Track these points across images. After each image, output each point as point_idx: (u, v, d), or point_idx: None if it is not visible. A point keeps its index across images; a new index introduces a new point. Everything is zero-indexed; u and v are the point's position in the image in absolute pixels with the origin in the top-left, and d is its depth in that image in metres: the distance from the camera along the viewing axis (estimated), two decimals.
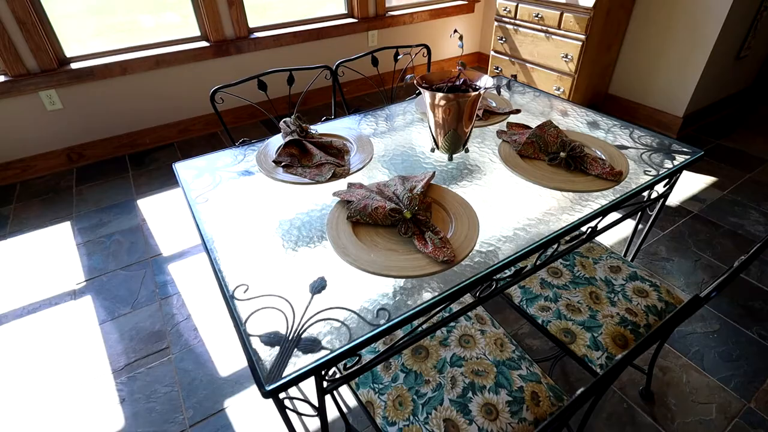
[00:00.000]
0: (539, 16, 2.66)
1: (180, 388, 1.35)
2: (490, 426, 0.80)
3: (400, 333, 0.94)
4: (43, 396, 1.33)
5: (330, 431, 1.22)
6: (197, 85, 2.68)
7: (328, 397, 1.30)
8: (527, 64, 2.88)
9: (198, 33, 2.61)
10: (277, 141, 1.16)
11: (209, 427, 1.25)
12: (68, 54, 2.32)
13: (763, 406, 1.27)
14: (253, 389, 1.34)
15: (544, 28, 2.68)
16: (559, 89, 2.73)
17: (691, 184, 2.24)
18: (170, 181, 2.36)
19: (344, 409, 1.28)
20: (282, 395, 0.68)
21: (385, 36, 3.20)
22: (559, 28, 2.59)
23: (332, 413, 1.27)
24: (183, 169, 1.09)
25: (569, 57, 2.60)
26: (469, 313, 1.00)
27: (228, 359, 1.43)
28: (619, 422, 1.24)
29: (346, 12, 3.08)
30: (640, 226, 1.90)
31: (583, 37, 2.50)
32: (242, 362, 1.42)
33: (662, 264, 1.77)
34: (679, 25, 2.47)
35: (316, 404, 0.73)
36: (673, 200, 2.13)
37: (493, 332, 0.97)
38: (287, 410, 0.71)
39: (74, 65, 2.30)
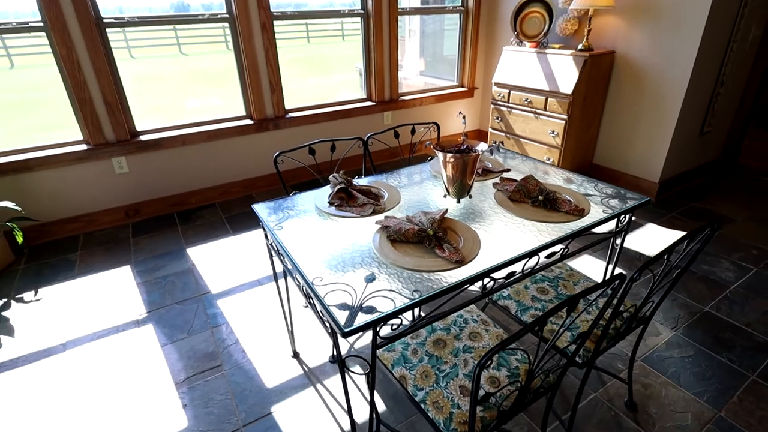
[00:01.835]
0: (528, 100, 3.19)
1: (233, 396, 1.59)
2: (494, 392, 1.06)
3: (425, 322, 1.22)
4: (118, 402, 1.58)
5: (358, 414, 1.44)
6: (239, 155, 3.15)
7: (356, 393, 1.54)
8: (521, 139, 3.36)
9: (244, 113, 3.14)
10: (324, 191, 1.53)
11: (259, 428, 1.47)
12: (139, 128, 2.82)
13: (732, 415, 1.48)
14: (296, 397, 1.57)
15: (533, 110, 3.19)
16: (549, 160, 3.18)
17: (669, 239, 2.56)
18: (214, 234, 2.72)
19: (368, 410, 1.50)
20: (344, 353, 0.97)
21: (397, 116, 3.75)
22: (545, 109, 3.10)
23: (361, 416, 1.49)
24: (259, 208, 1.45)
25: (555, 133, 3.07)
26: (476, 316, 1.29)
27: (273, 374, 1.68)
28: (607, 427, 1.45)
29: (366, 96, 3.65)
30: (613, 252, 2.20)
31: (565, 117, 2.98)
32: (285, 376, 1.66)
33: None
34: (645, 108, 2.96)
35: (369, 362, 1.01)
36: (651, 250, 2.45)
37: (495, 331, 1.26)
38: (346, 372, 0.99)
39: (143, 137, 2.79)
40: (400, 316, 0.95)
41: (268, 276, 2.28)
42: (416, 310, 1.83)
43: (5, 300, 2.16)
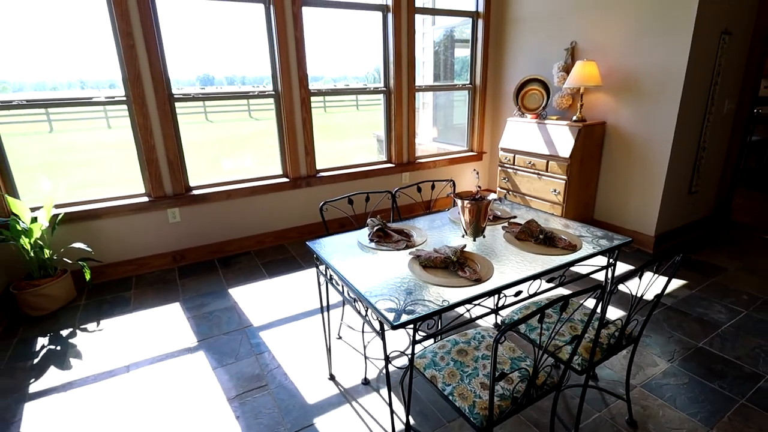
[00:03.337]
0: (531, 163, 3.60)
1: (279, 410, 1.81)
2: (508, 386, 1.31)
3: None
4: (179, 413, 1.81)
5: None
6: (275, 209, 3.55)
7: (385, 409, 1.75)
8: (526, 196, 3.73)
9: (281, 172, 3.59)
10: (363, 232, 1.87)
11: None
12: (192, 183, 3.25)
13: None
14: (333, 412, 1.79)
15: (536, 171, 3.59)
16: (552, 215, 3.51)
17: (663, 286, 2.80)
18: (252, 277, 3.03)
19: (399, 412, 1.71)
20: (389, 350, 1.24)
21: (414, 176, 4.17)
22: (547, 171, 3.49)
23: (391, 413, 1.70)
24: (312, 244, 1.78)
25: (557, 191, 3.44)
26: (491, 333, 1.56)
27: (312, 393, 1.90)
28: None
29: (386, 159, 4.11)
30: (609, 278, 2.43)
31: (565, 177, 3.36)
32: (323, 395, 1.89)
33: (642, 339, 2.25)
34: (635, 170, 3.33)
35: (409, 353, 1.27)
36: (650, 296, 2.68)
37: (508, 344, 1.52)
38: (389, 362, 1.26)
39: (195, 192, 3.21)
40: (433, 318, 1.24)
41: (304, 312, 2.56)
42: (439, 324, 2.08)
43: (71, 329, 2.45)
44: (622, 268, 3.05)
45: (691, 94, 3.04)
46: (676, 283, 2.83)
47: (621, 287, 2.73)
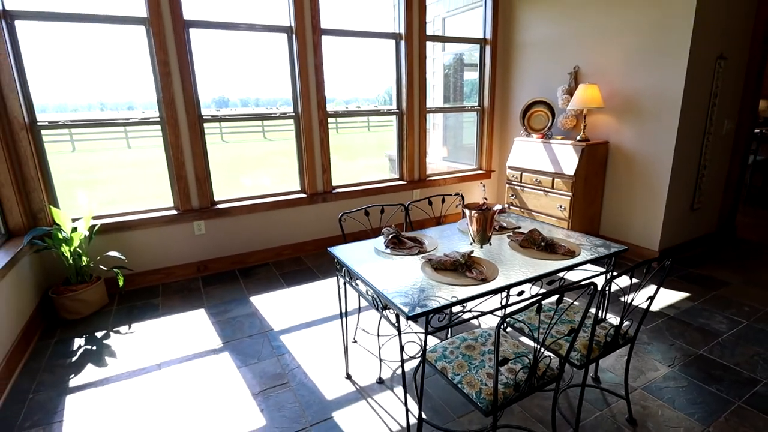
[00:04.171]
0: (538, 180, 3.76)
1: (300, 405, 1.95)
2: (511, 376, 1.44)
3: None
4: (208, 406, 1.96)
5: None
6: (292, 223, 3.74)
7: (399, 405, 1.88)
8: (533, 212, 3.87)
9: (299, 188, 3.80)
10: (378, 240, 2.03)
11: (323, 427, 1.82)
12: (216, 198, 3.47)
13: (718, 431, 1.75)
14: (351, 407, 1.93)
15: (542, 188, 3.74)
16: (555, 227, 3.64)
17: (668, 298, 2.90)
18: (271, 286, 3.20)
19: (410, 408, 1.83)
20: (404, 340, 1.40)
21: (425, 192, 4.35)
22: (552, 188, 3.65)
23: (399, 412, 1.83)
24: (333, 250, 1.95)
25: (563, 207, 3.58)
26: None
27: (331, 390, 2.04)
28: None
29: (398, 177, 4.30)
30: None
31: (570, 193, 3.51)
32: (341, 392, 2.03)
33: (644, 346, 2.35)
34: (638, 187, 3.47)
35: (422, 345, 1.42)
36: (653, 306, 2.78)
37: (512, 341, 1.65)
38: (403, 349, 1.41)
39: (219, 206, 3.42)
40: (443, 311, 1.39)
41: (320, 319, 2.71)
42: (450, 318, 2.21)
43: (105, 331, 2.63)
44: (622, 280, 3.16)
45: (689, 115, 3.20)
46: (678, 296, 2.93)
47: (615, 288, 2.84)
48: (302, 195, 3.75)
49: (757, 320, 2.59)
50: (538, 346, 1.34)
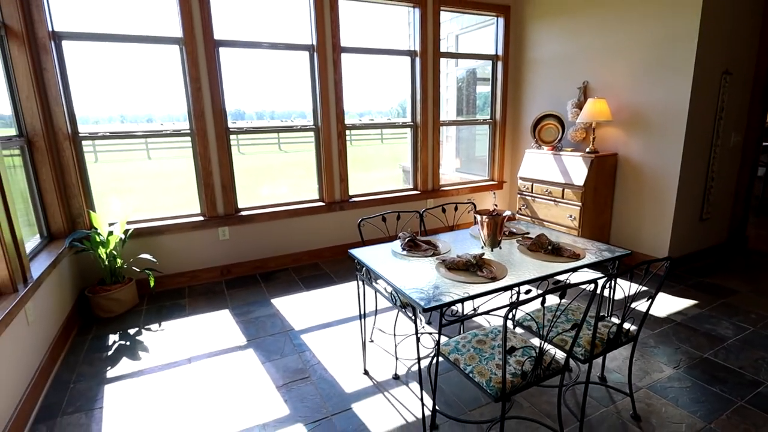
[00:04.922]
0: (548, 190, 3.88)
1: (321, 397, 2.09)
2: (519, 366, 1.56)
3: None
4: (235, 396, 2.10)
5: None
6: (311, 230, 3.91)
7: (415, 399, 2.00)
8: (544, 222, 3.98)
9: (317, 196, 3.97)
10: (396, 244, 2.18)
11: (343, 417, 1.95)
12: (240, 205, 3.66)
13: (720, 428, 1.84)
14: (368, 399, 2.05)
15: (553, 198, 3.86)
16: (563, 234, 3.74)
17: (676, 304, 2.98)
18: (290, 290, 3.36)
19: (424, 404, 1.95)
20: (420, 331, 1.53)
21: (438, 202, 4.49)
22: (563, 198, 3.76)
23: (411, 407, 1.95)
24: (353, 251, 2.10)
25: (573, 217, 3.69)
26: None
27: (349, 384, 2.17)
28: (616, 431, 1.84)
29: (412, 187, 4.46)
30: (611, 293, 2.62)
31: (580, 203, 3.62)
32: (359, 386, 2.16)
33: (650, 349, 2.44)
34: (647, 198, 3.56)
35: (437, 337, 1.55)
36: (661, 313, 2.86)
37: (519, 337, 1.77)
38: (419, 341, 1.54)
39: (243, 213, 3.61)
40: (456, 305, 1.52)
41: (338, 320, 2.85)
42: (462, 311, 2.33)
43: (137, 329, 2.81)
44: (626, 283, 3.24)
45: (695, 128, 3.30)
46: (686, 303, 2.99)
47: (618, 290, 2.92)
48: (321, 203, 3.92)
49: (763, 327, 2.65)
50: (543, 341, 1.46)
